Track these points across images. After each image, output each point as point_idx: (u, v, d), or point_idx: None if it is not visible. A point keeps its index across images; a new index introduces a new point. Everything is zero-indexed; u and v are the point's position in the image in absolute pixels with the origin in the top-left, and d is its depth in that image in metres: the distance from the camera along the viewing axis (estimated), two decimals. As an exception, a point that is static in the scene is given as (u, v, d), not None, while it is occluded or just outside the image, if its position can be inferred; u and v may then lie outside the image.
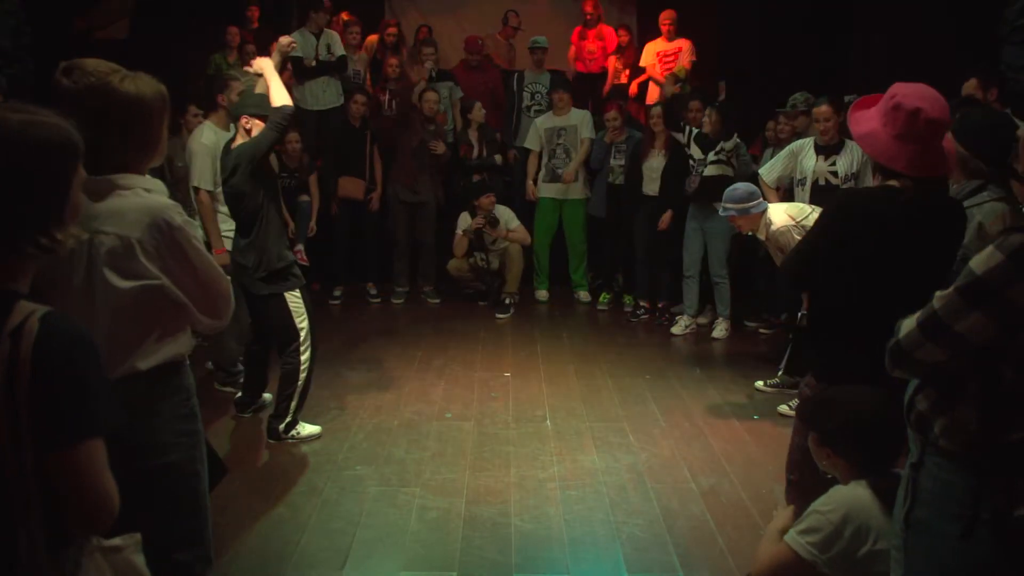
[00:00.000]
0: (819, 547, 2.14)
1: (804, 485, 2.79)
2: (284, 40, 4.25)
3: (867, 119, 2.46)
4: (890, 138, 2.39)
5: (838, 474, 2.31)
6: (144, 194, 2.02)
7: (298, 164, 6.69)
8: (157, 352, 2.05)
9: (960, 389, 1.68)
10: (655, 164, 6.50)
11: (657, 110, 6.60)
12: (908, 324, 1.72)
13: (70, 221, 1.49)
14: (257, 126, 4.05)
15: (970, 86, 4.52)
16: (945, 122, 2.42)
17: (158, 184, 2.10)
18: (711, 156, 6.06)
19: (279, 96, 3.89)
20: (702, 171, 6.10)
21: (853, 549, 2.12)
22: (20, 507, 1.40)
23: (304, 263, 6.34)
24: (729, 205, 4.70)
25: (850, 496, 2.18)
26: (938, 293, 1.68)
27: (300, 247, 6.56)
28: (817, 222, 2.70)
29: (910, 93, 2.39)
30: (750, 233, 4.86)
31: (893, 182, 2.44)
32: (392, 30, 7.96)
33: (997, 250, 1.59)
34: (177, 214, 2.03)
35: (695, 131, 6.18)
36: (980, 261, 1.61)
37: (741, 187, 4.77)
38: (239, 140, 4.14)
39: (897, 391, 1.89)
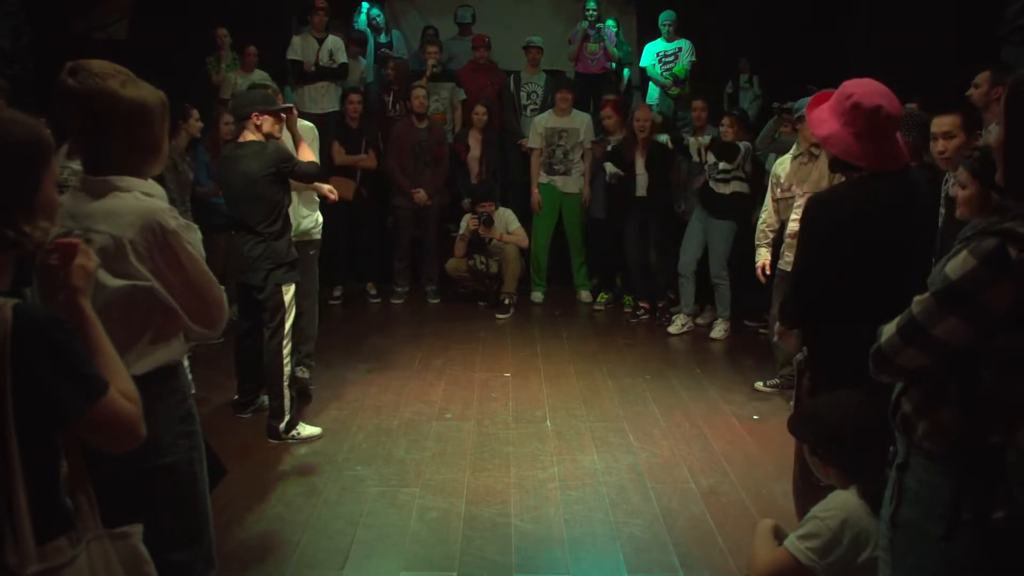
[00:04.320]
0: (818, 552, 2.14)
1: (809, 487, 2.81)
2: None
3: (824, 121, 2.54)
4: (852, 137, 2.48)
5: (833, 481, 2.32)
6: (142, 197, 2.01)
7: None
8: (150, 356, 2.04)
9: (941, 392, 1.69)
10: (638, 166, 6.52)
11: (643, 114, 6.60)
12: (888, 329, 1.74)
13: (40, 216, 1.52)
14: (267, 121, 4.22)
15: (982, 78, 4.45)
16: (900, 115, 2.54)
17: (158, 189, 2.10)
18: (724, 167, 6.07)
19: (310, 155, 4.40)
20: (714, 175, 6.13)
21: (852, 556, 2.12)
22: (3, 503, 1.42)
23: None
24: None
25: (848, 502, 2.18)
26: (916, 298, 1.69)
27: None
28: (798, 244, 2.76)
29: (867, 92, 2.49)
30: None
31: (852, 175, 2.57)
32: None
33: (971, 255, 1.59)
34: (172, 218, 2.02)
35: (708, 138, 6.22)
36: (955, 266, 1.61)
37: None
38: (249, 137, 4.23)
39: (884, 392, 1.90)
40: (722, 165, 6.11)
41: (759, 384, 5.22)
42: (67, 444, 1.56)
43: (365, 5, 8.48)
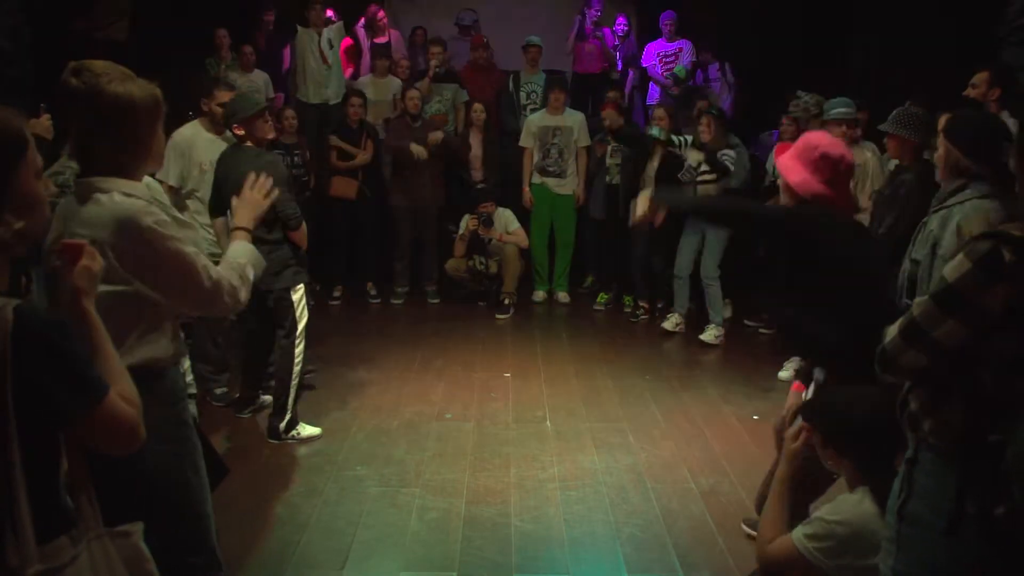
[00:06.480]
0: (826, 554, 2.13)
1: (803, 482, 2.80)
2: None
3: (794, 169, 2.75)
4: (821, 184, 2.71)
5: (843, 474, 2.31)
6: (120, 198, 1.97)
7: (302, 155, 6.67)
8: (133, 352, 2.00)
9: (945, 391, 1.75)
10: (655, 165, 6.49)
11: (660, 111, 6.58)
12: (892, 331, 1.80)
13: (15, 212, 1.49)
14: (248, 128, 4.16)
15: (980, 78, 4.46)
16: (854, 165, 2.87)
17: (140, 188, 2.05)
18: (705, 167, 6.03)
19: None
20: (694, 179, 6.07)
21: (861, 561, 2.11)
22: (4, 503, 1.42)
23: None
24: None
25: (858, 509, 2.15)
26: (917, 300, 1.76)
27: None
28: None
29: (830, 143, 2.76)
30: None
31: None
32: (381, 14, 7.86)
33: (966, 258, 1.67)
34: (147, 214, 1.98)
35: (691, 138, 6.17)
36: (951, 269, 1.69)
37: None
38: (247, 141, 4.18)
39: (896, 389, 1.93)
40: (704, 166, 6.05)
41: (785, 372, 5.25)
42: (68, 444, 1.56)
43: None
